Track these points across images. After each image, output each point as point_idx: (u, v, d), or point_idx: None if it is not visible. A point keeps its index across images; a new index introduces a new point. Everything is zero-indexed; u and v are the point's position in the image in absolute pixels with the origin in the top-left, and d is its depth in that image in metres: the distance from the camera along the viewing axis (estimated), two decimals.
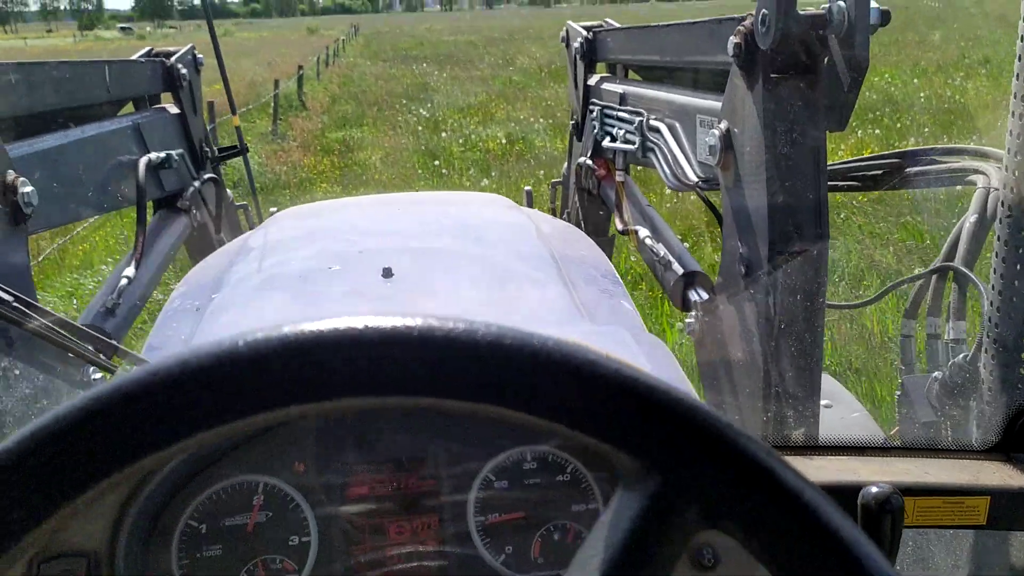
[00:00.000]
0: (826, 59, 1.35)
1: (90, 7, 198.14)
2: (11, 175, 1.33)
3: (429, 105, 16.03)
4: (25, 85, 1.53)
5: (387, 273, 1.34)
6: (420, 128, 13.34)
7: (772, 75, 1.38)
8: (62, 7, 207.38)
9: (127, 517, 0.71)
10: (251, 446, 0.77)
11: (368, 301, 1.25)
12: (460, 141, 11.54)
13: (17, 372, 1.14)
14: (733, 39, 1.40)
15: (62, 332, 1.00)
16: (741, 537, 0.37)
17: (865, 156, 1.76)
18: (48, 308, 1.00)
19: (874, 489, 0.58)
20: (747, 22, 1.39)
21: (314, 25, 64.76)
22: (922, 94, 11.99)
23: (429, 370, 0.35)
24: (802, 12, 1.29)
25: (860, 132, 9.21)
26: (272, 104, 13.49)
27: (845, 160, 1.76)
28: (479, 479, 0.79)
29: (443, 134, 12.30)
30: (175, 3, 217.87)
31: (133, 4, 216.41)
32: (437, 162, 10.02)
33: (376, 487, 0.78)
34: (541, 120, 12.89)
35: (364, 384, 0.35)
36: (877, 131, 9.38)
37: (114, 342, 1.02)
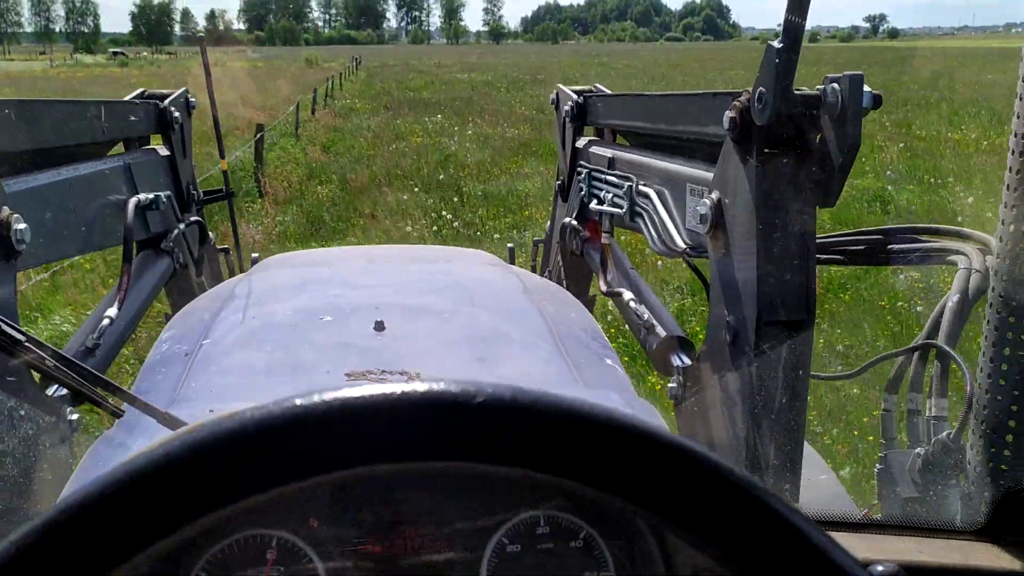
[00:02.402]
0: (818, 137, 1.39)
1: (85, 30, 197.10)
2: (5, 211, 1.32)
3: (456, 199, 10.31)
4: (23, 122, 1.52)
5: (379, 327, 1.33)
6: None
7: (766, 150, 1.41)
8: (58, 29, 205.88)
9: (139, 567, 0.69)
10: (265, 500, 0.76)
11: (361, 355, 1.24)
12: None
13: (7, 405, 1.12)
14: (729, 114, 1.43)
15: (58, 366, 0.98)
16: None
17: (849, 232, 1.81)
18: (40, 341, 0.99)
19: (880, 567, 0.58)
20: (743, 98, 1.43)
21: (313, 56, 58.90)
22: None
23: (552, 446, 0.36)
24: (798, 92, 1.33)
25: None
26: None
27: (829, 234, 1.80)
28: (492, 542, 0.79)
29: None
30: (174, 29, 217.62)
31: (131, 28, 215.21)
32: None
33: (389, 546, 0.77)
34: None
35: (434, 449, 0.35)
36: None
37: (109, 380, 1.01)
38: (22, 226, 1.34)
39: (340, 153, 14.83)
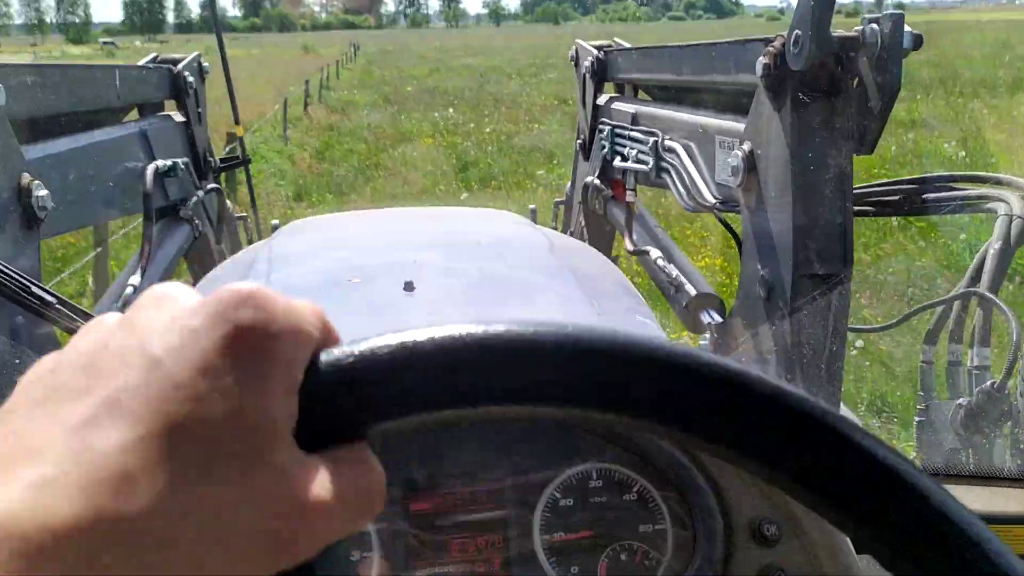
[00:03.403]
0: (855, 81, 1.35)
1: (77, 20, 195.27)
2: (26, 178, 1.30)
3: None
4: (40, 87, 1.50)
5: (408, 287, 1.31)
6: None
7: (800, 97, 1.37)
8: (49, 20, 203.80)
9: None
10: None
11: (392, 315, 1.23)
12: None
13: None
14: (762, 59, 1.39)
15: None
16: None
17: (884, 181, 1.76)
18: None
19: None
20: (777, 43, 1.38)
21: (309, 43, 56.43)
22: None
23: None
24: (835, 34, 1.29)
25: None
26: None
27: (864, 184, 1.76)
28: (545, 497, 0.77)
29: None
30: (168, 17, 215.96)
31: (123, 17, 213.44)
32: None
33: (440, 503, 0.76)
34: None
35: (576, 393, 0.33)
36: None
37: None
38: (43, 192, 1.33)
39: (336, 161, 12.23)
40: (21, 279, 1.00)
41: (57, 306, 0.96)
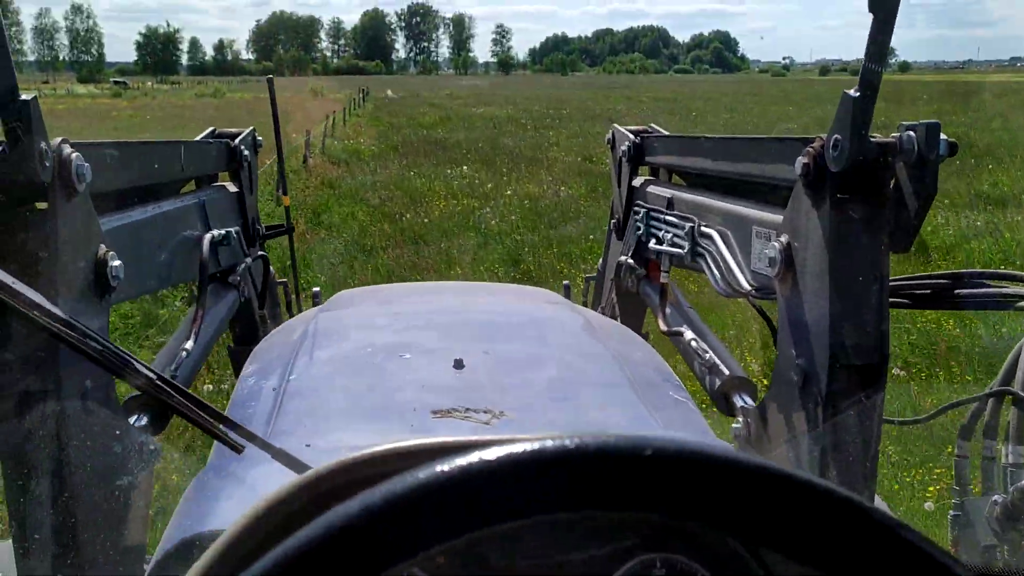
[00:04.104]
0: (892, 182, 1.40)
1: (90, 59, 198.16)
2: (103, 249, 1.38)
3: None
4: (118, 162, 1.59)
5: (458, 364, 1.36)
6: None
7: (839, 196, 1.43)
8: (62, 57, 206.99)
9: None
10: None
11: (443, 393, 1.28)
12: None
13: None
14: (802, 160, 1.45)
15: (161, 386, 1.02)
16: None
17: (916, 275, 1.80)
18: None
19: None
20: (816, 144, 1.45)
21: (318, 87, 53.39)
22: None
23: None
24: (873, 139, 1.35)
25: None
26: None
27: (899, 276, 1.80)
28: None
29: None
30: (182, 58, 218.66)
31: (136, 58, 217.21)
32: None
33: None
34: None
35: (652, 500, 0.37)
36: None
37: (228, 416, 1.05)
38: (117, 263, 1.40)
39: (334, 228, 10.76)
40: (99, 339, 1.06)
41: (131, 361, 1.02)
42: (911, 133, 1.32)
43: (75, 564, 1.11)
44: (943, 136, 1.32)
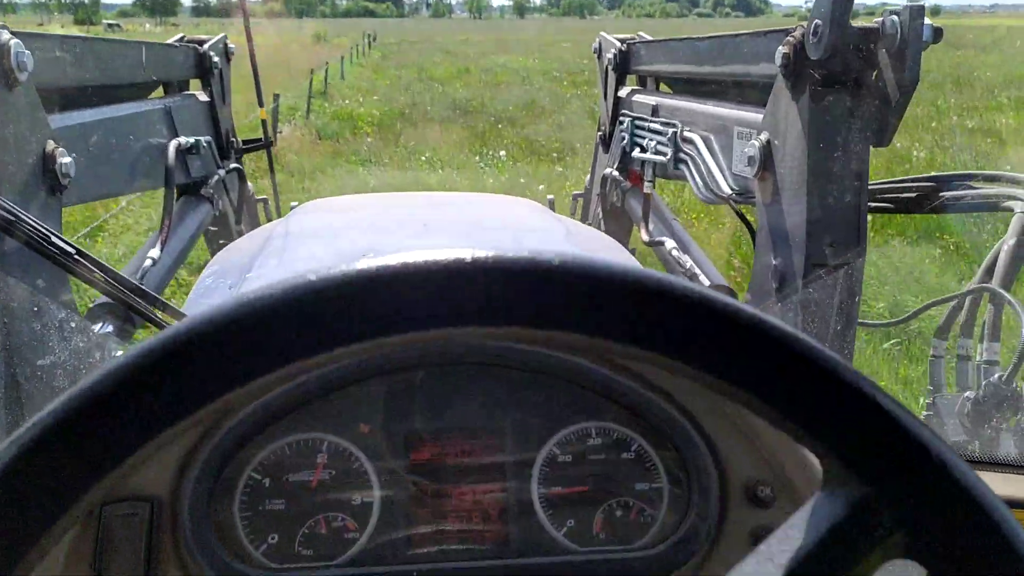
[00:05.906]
0: (874, 74, 1.35)
1: (86, 1, 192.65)
2: (51, 145, 1.33)
3: None
4: (68, 59, 1.53)
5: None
6: None
7: (819, 87, 1.38)
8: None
9: (192, 466, 0.72)
10: (317, 404, 0.78)
11: None
12: None
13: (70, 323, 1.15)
14: (782, 49, 1.40)
15: (117, 285, 1.00)
16: (936, 567, 0.35)
17: (900, 178, 1.77)
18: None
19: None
20: (797, 33, 1.39)
21: (321, 31, 47.56)
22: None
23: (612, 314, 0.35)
24: (855, 25, 1.30)
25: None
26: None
27: (881, 180, 1.76)
28: (544, 451, 0.79)
29: None
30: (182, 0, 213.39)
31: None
32: None
33: (441, 453, 0.78)
34: None
35: (489, 312, 0.35)
36: None
37: (164, 299, 1.02)
38: (67, 159, 1.36)
39: None
40: (45, 230, 1.03)
41: (76, 256, 0.99)
42: (894, 17, 1.26)
43: None
44: (927, 20, 1.26)
